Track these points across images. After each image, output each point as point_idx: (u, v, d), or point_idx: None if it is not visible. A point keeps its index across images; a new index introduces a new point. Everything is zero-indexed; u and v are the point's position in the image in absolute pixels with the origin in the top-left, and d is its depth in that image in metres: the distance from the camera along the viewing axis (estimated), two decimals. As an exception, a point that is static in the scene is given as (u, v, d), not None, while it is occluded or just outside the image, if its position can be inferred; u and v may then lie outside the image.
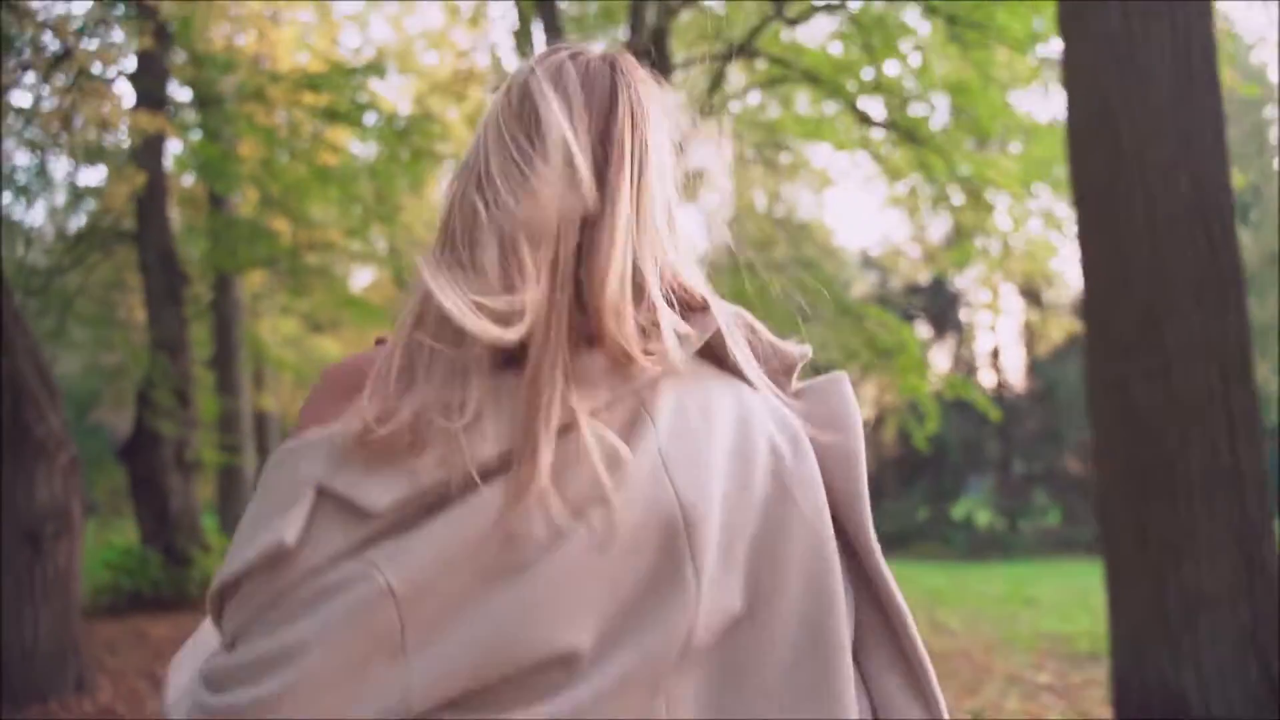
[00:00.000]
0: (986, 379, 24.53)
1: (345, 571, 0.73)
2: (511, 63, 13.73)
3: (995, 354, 24.56)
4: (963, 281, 22.81)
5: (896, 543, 22.22)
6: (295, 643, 0.71)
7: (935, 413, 10.48)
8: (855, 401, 0.93)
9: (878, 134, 12.09)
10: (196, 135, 12.62)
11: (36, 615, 5.95)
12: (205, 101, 12.26)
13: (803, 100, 13.23)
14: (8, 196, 11.59)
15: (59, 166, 12.33)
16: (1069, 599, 11.30)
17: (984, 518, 24.37)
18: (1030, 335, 24.14)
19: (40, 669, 5.95)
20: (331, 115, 12.34)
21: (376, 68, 12.70)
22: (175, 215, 15.18)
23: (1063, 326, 12.38)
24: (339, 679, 0.71)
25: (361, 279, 22.11)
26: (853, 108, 11.25)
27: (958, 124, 10.69)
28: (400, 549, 0.73)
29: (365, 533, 0.74)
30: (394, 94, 16.19)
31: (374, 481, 0.74)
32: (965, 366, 25.37)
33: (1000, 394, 23.88)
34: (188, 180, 14.86)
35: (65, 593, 6.10)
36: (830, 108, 12.72)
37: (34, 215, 13.29)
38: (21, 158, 11.49)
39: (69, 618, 6.10)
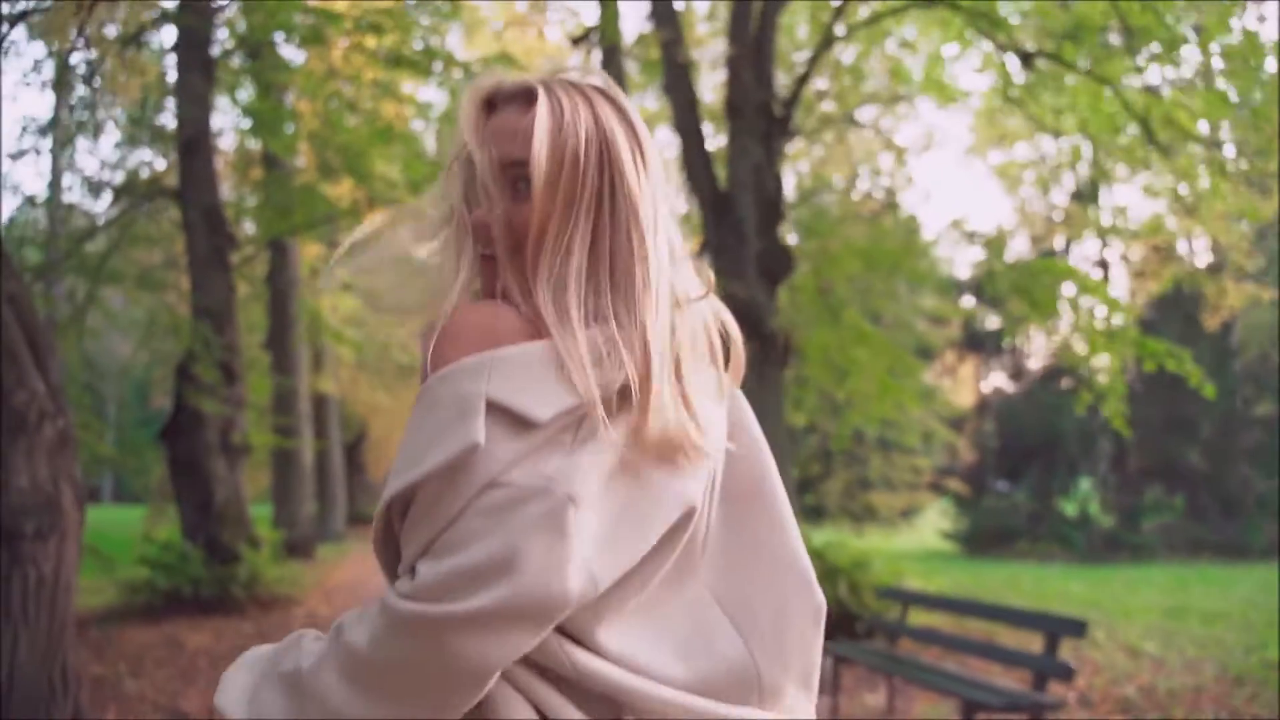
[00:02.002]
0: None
1: (524, 481, 0.88)
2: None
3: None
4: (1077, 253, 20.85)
5: (997, 541, 20.36)
6: (506, 553, 0.85)
7: (1121, 386, 8.81)
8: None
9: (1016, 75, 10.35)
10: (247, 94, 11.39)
11: (15, 637, 4.56)
12: (255, 49, 10.94)
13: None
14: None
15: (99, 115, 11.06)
16: (1249, 612, 9.53)
17: (1094, 514, 22.31)
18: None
19: (18, 705, 4.55)
20: (396, 62, 10.96)
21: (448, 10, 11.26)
22: (227, 183, 13.95)
23: (1244, 294, 10.45)
24: (548, 578, 0.85)
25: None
26: (994, 32, 9.49)
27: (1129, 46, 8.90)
28: (570, 465, 0.89)
29: (527, 445, 0.89)
30: (462, 44, 14.78)
31: (536, 396, 0.90)
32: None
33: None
34: (231, 139, 13.62)
35: (53, 607, 4.69)
36: (951, 49, 11.05)
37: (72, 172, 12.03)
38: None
39: (57, 639, 4.69)
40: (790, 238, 11.25)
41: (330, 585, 12.12)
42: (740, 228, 9.02)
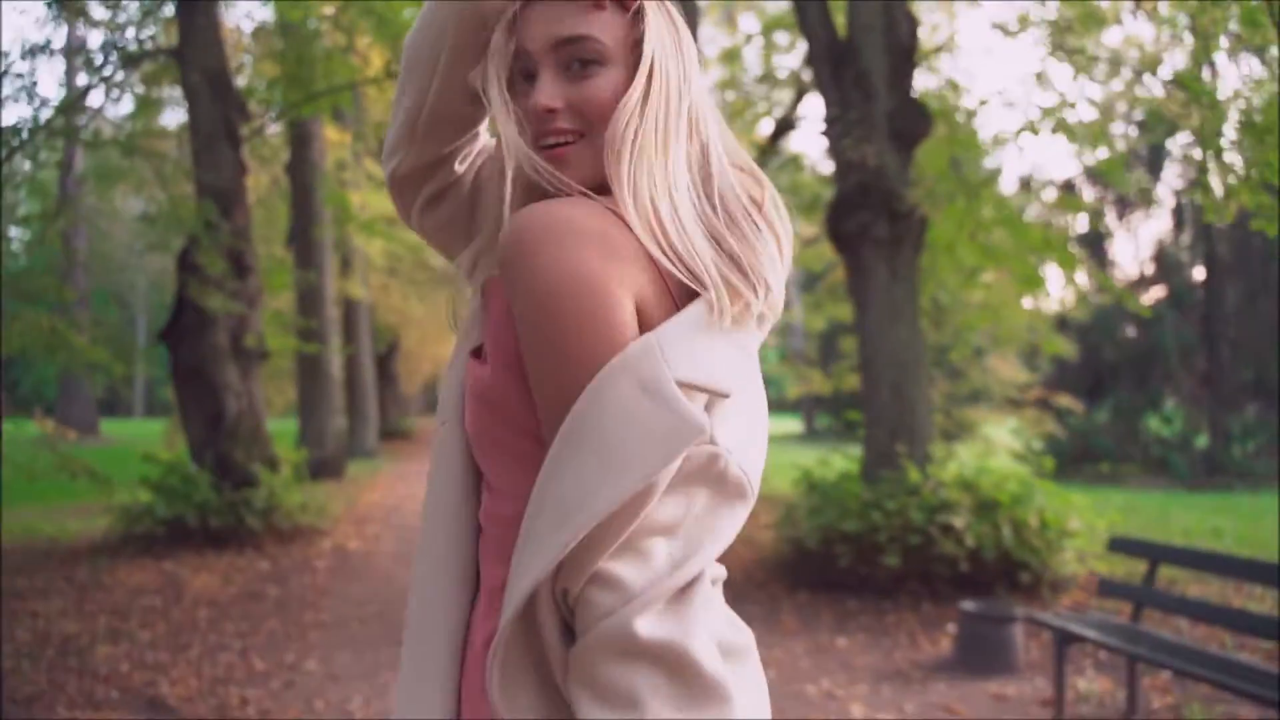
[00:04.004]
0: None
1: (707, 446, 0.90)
2: None
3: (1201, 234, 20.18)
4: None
5: (1077, 463, 18.62)
6: (695, 537, 0.90)
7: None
8: None
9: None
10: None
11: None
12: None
13: None
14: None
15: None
16: None
17: (1173, 434, 20.45)
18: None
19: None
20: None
21: None
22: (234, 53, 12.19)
23: None
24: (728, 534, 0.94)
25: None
26: None
27: None
28: (725, 425, 0.93)
29: (702, 405, 0.91)
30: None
31: (715, 365, 0.90)
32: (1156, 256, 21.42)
33: (1209, 285, 19.90)
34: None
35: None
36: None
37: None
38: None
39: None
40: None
41: (360, 511, 10.64)
42: (866, 81, 7.20)
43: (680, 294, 0.93)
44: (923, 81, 9.80)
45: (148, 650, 5.11)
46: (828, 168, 15.41)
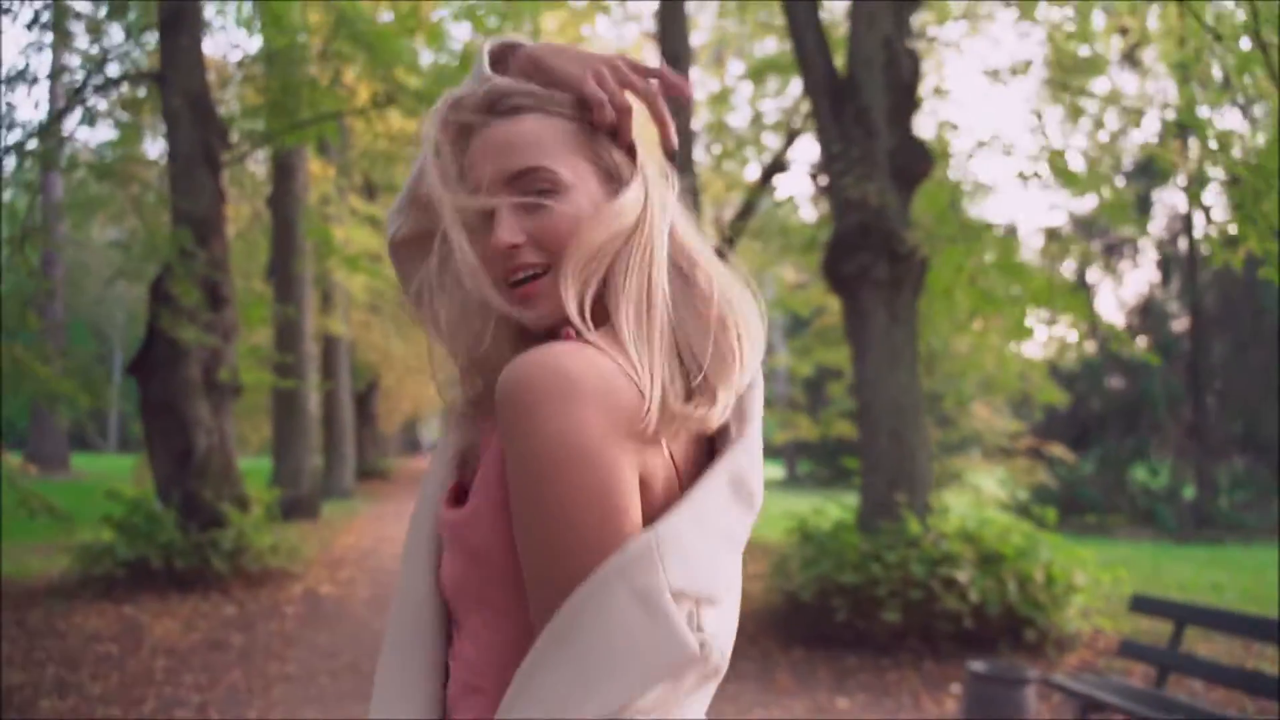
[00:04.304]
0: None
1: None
2: None
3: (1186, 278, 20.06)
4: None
5: (1063, 513, 18.33)
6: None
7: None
8: None
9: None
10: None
11: None
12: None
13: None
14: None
15: None
16: None
17: (1160, 486, 20.25)
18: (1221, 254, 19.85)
19: None
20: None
21: None
22: (218, 84, 11.98)
23: None
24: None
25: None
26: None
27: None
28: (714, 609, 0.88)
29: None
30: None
31: (711, 567, 0.87)
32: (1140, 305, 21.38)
33: (1195, 335, 19.81)
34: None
35: None
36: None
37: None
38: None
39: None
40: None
41: (334, 554, 10.25)
42: (867, 118, 7.02)
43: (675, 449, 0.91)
44: (918, 124, 9.66)
45: (98, 705, 4.74)
46: (813, 211, 15.30)
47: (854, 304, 6.92)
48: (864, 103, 7.04)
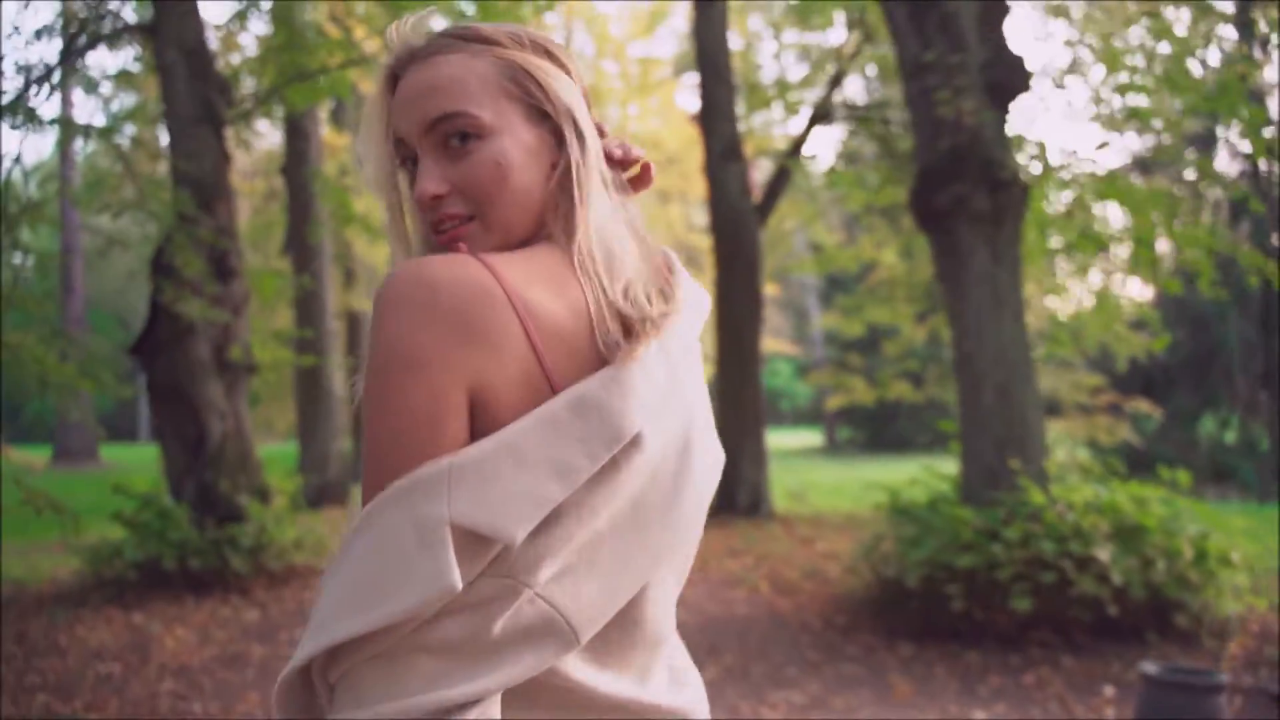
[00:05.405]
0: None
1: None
2: None
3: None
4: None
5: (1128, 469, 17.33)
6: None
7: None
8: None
9: None
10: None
11: None
12: None
13: None
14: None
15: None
16: None
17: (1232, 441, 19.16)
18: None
19: None
20: None
21: None
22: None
23: None
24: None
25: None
26: None
27: None
28: (562, 551, 0.82)
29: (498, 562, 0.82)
30: None
31: (509, 508, 0.78)
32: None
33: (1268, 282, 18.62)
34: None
35: None
36: None
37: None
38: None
39: None
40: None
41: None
42: (954, 26, 6.07)
43: (568, 374, 0.83)
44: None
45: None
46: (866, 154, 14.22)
47: (949, 242, 5.98)
48: (949, 7, 6.09)
